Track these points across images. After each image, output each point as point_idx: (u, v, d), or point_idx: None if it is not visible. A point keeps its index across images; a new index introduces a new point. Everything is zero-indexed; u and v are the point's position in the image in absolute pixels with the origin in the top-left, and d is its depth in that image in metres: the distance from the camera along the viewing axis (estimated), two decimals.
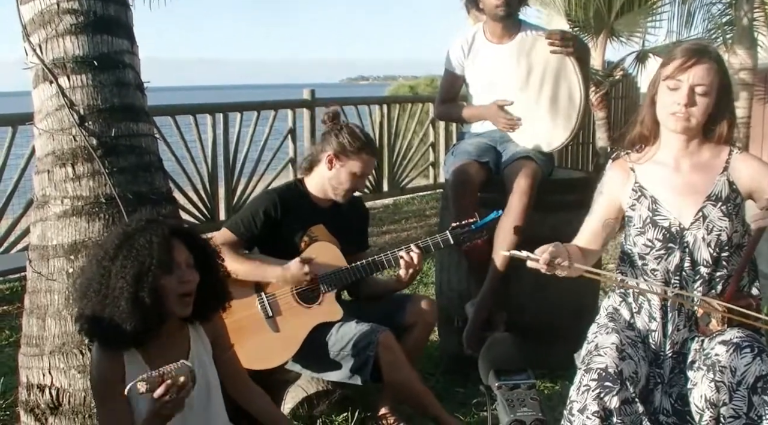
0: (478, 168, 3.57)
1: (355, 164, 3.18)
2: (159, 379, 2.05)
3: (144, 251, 2.23)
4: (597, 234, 2.56)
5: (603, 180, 2.58)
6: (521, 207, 3.40)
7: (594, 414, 2.21)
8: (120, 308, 2.20)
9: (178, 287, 2.28)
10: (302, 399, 3.23)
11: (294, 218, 3.19)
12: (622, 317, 2.51)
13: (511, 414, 2.27)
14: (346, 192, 3.21)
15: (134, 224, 2.32)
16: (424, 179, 9.49)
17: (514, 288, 3.57)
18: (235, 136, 7.14)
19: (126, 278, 2.20)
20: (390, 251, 3.15)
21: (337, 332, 3.08)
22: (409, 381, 3.04)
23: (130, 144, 3.01)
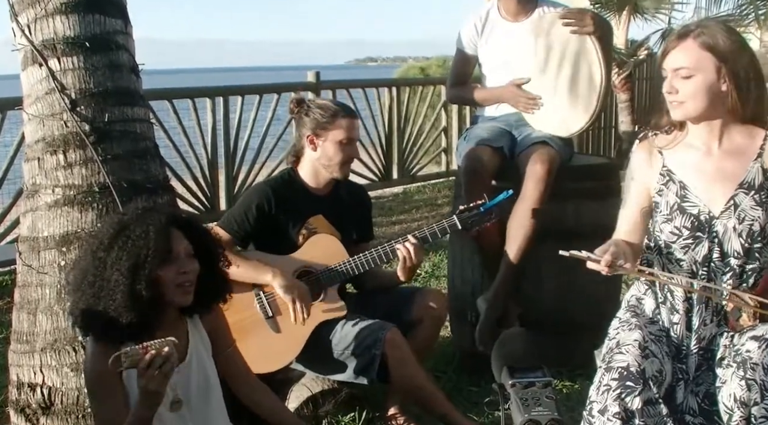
0: (491, 154, 3.56)
1: (335, 132, 3.16)
2: (142, 350, 2.10)
3: (140, 241, 2.24)
4: (637, 225, 2.50)
5: (631, 165, 2.55)
6: (537, 195, 3.38)
7: (615, 415, 2.20)
8: (116, 301, 2.21)
9: (177, 278, 2.30)
10: (307, 399, 3.23)
11: (290, 211, 3.18)
12: (645, 309, 2.49)
13: (525, 413, 2.27)
14: (342, 165, 3.19)
15: (130, 213, 2.34)
16: (436, 166, 9.47)
17: (531, 281, 3.57)
18: (236, 121, 7.14)
19: (122, 270, 2.22)
20: (387, 243, 3.13)
21: (341, 330, 3.08)
22: (417, 380, 3.04)
23: (124, 130, 3.02)
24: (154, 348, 2.10)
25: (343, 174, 3.21)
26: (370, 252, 3.13)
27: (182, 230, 2.35)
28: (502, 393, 2.45)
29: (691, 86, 2.33)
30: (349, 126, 3.17)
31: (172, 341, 2.14)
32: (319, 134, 3.16)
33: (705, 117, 2.38)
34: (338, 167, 3.18)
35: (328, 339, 3.08)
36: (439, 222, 3.17)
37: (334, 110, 3.20)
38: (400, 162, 8.71)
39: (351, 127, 3.18)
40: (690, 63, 2.33)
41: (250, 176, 7.29)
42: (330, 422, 3.22)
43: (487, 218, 3.15)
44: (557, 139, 3.61)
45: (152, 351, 2.10)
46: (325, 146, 3.16)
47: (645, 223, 2.51)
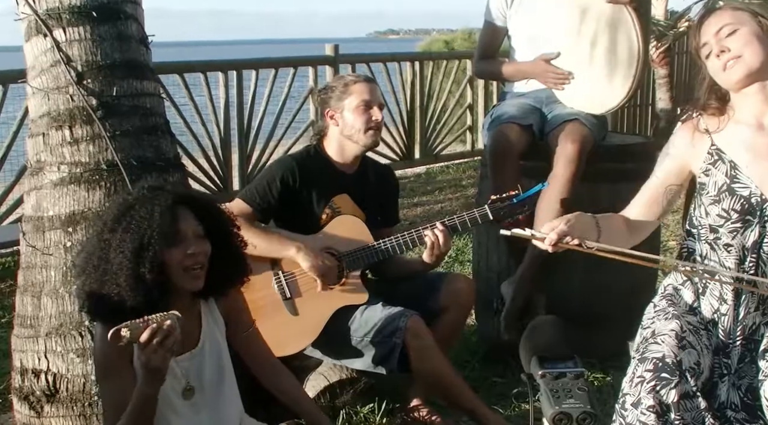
0: (520, 132, 3.54)
1: (350, 99, 3.17)
2: (143, 324, 2.10)
3: (145, 222, 2.25)
4: (655, 202, 2.49)
5: (670, 141, 2.52)
6: (567, 176, 3.37)
7: (649, 409, 2.19)
8: (120, 284, 2.23)
9: (184, 260, 2.30)
10: (324, 388, 3.25)
11: (314, 187, 3.18)
12: (683, 299, 2.47)
13: (555, 405, 2.25)
14: (365, 130, 3.17)
15: (136, 193, 2.35)
16: (461, 145, 9.45)
17: (559, 267, 3.55)
18: (250, 96, 7.14)
19: (125, 252, 2.24)
20: (415, 230, 3.13)
21: (361, 316, 3.08)
22: (440, 371, 3.04)
23: (133, 105, 3.03)
24: (155, 322, 2.11)
25: (370, 141, 3.20)
26: (396, 237, 3.13)
27: (192, 210, 2.35)
28: (531, 383, 2.44)
29: (740, 37, 2.33)
30: (363, 90, 3.18)
31: (174, 314, 2.15)
32: (336, 107, 3.18)
33: (763, 72, 2.34)
34: (362, 134, 3.17)
35: (347, 325, 3.08)
36: (469, 211, 3.16)
37: (346, 79, 3.23)
38: (422, 141, 8.70)
39: (365, 90, 3.18)
40: (729, 19, 2.34)
41: (265, 155, 7.31)
42: (348, 413, 3.23)
43: (519, 210, 3.14)
44: (590, 116, 3.58)
45: (153, 324, 2.11)
46: (345, 115, 3.17)
47: (664, 201, 2.49)
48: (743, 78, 2.35)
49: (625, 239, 2.41)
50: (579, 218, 2.32)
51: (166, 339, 2.12)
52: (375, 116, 3.18)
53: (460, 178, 8.47)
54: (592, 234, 2.32)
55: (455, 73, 9.10)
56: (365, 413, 3.25)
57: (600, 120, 3.66)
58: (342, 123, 3.18)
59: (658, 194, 2.49)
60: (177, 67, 6.72)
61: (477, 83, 9.11)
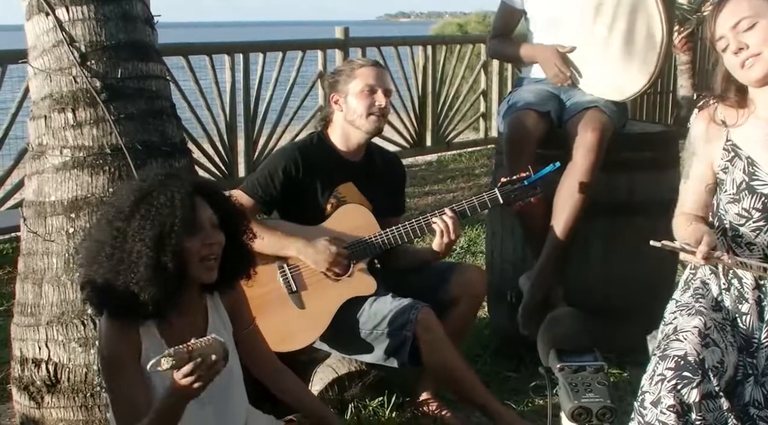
0: (537, 119, 3.52)
1: (354, 83, 3.16)
2: (186, 355, 2.02)
3: (165, 209, 2.23)
4: (703, 200, 2.48)
5: (690, 137, 2.50)
6: (587, 165, 3.35)
7: (669, 408, 2.19)
8: (138, 274, 2.20)
9: (202, 250, 2.29)
10: (332, 381, 3.25)
11: (318, 177, 3.18)
12: (710, 293, 2.46)
13: (574, 400, 2.24)
14: (368, 114, 3.16)
15: (150, 179, 2.33)
16: (474, 132, 9.44)
17: (578, 259, 3.55)
18: (256, 80, 7.14)
19: (145, 240, 2.21)
20: (423, 217, 3.13)
21: (370, 308, 3.08)
22: (451, 365, 3.04)
23: (138, 87, 3.02)
24: (200, 353, 2.03)
25: (372, 127, 3.18)
26: (403, 225, 3.13)
27: (206, 199, 2.34)
28: (549, 377, 2.44)
29: (760, 32, 2.29)
30: (369, 74, 3.18)
31: (218, 342, 2.08)
32: (340, 91, 3.18)
33: None
34: (364, 119, 3.16)
35: (356, 317, 3.09)
36: (478, 195, 3.16)
37: (352, 64, 3.23)
38: (434, 128, 8.68)
39: (371, 74, 3.18)
40: (747, 11, 2.29)
41: (272, 141, 7.31)
42: (357, 406, 3.23)
43: (531, 193, 3.13)
44: (610, 104, 3.56)
45: (197, 357, 2.03)
46: (348, 100, 3.17)
47: (710, 199, 2.48)
48: (763, 77, 2.33)
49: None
50: (711, 233, 2.31)
51: (209, 372, 2.07)
52: (378, 102, 3.17)
53: (473, 166, 8.46)
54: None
55: (469, 58, 9.08)
56: (374, 406, 3.26)
57: (620, 107, 3.64)
58: (345, 108, 3.18)
59: (702, 195, 2.48)
60: (181, 49, 6.72)
61: (491, 69, 9.09)
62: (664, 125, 8.35)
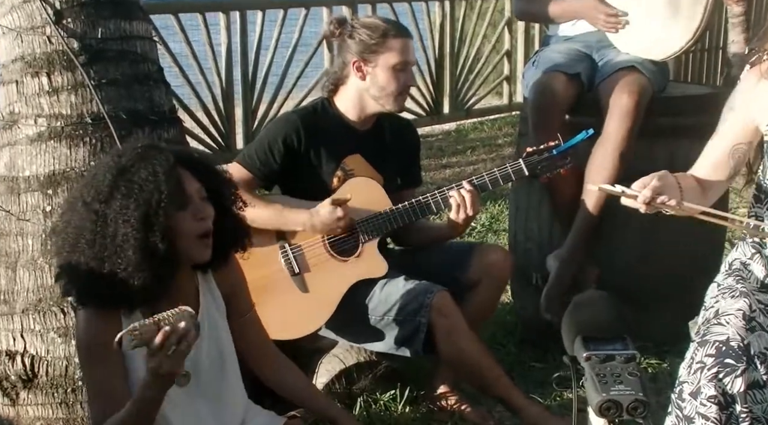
0: (566, 83, 3.52)
1: (387, 55, 3.13)
2: (154, 328, 2.06)
3: (149, 184, 2.22)
4: (722, 163, 2.48)
5: (736, 91, 2.49)
6: (622, 133, 3.35)
7: (710, 399, 2.18)
8: (125, 259, 2.20)
9: (195, 226, 2.30)
10: (339, 372, 3.27)
11: (323, 148, 3.18)
12: (752, 274, 2.45)
13: (603, 392, 2.23)
14: (397, 95, 3.17)
15: (127, 153, 2.31)
16: (497, 98, 9.39)
17: (612, 237, 3.55)
18: (255, 42, 7.11)
19: (131, 221, 2.20)
20: (438, 191, 3.13)
21: (381, 291, 3.09)
22: (470, 354, 3.04)
23: (121, 49, 3.02)
24: (168, 323, 2.06)
25: (397, 106, 3.21)
26: (417, 200, 3.13)
27: (191, 170, 2.34)
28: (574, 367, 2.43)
29: None
30: (404, 48, 3.16)
31: (189, 312, 2.11)
32: (367, 59, 3.15)
33: None
34: (393, 98, 3.17)
35: (365, 302, 3.10)
36: (501, 167, 3.14)
37: (384, 28, 3.17)
38: (452, 93, 8.64)
39: (405, 49, 3.17)
40: None
41: (273, 109, 7.29)
42: (366, 401, 3.25)
43: (560, 164, 3.12)
44: (648, 63, 3.55)
45: (166, 327, 2.06)
46: (376, 73, 3.14)
47: (732, 162, 2.47)
48: None
49: (700, 200, 2.40)
50: (665, 178, 2.31)
51: (180, 343, 2.09)
52: (411, 81, 3.20)
53: (496, 136, 8.42)
54: (675, 194, 2.30)
55: (491, 15, 9.02)
56: (386, 400, 3.27)
57: (660, 68, 3.63)
58: (372, 80, 3.15)
59: (724, 155, 2.47)
60: (171, 7, 6.69)
61: (516, 26, 9.03)
62: (711, 86, 8.26)
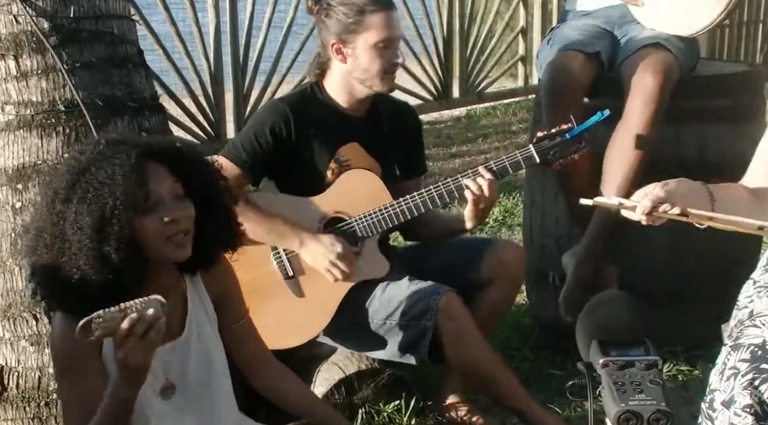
0: (584, 62, 3.52)
1: (366, 34, 3.11)
2: (120, 315, 2.06)
3: (104, 188, 2.20)
4: None
5: None
6: (646, 116, 3.33)
7: (745, 408, 2.17)
8: (80, 268, 2.20)
9: (164, 230, 2.27)
10: (339, 382, 3.25)
11: (315, 137, 3.18)
12: None
13: (621, 402, 2.24)
14: (383, 75, 3.15)
15: (89, 151, 2.29)
16: (511, 80, 9.40)
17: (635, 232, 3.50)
18: (246, 20, 7.12)
19: (84, 228, 2.19)
20: (452, 179, 3.10)
21: (382, 293, 3.08)
22: (480, 361, 3.05)
23: (96, 29, 3.01)
24: (135, 310, 2.07)
25: (386, 87, 3.19)
26: (420, 193, 3.11)
27: (165, 165, 2.31)
28: (590, 375, 2.44)
29: None
30: (384, 22, 3.13)
31: (157, 299, 2.12)
32: (345, 39, 3.14)
33: None
34: (378, 79, 3.15)
35: (365, 306, 3.09)
36: (510, 154, 3.13)
37: (360, 4, 3.13)
38: (462, 76, 8.65)
39: (386, 23, 3.14)
40: None
41: (266, 94, 7.29)
42: (368, 412, 3.25)
43: (574, 148, 3.10)
44: (676, 39, 3.53)
45: (132, 314, 2.06)
46: (357, 54, 3.13)
47: None
48: None
49: (751, 209, 2.36)
50: (682, 185, 2.30)
51: (148, 332, 2.08)
52: (396, 58, 3.17)
53: (510, 122, 8.44)
54: (702, 203, 2.28)
55: None
56: (390, 412, 3.27)
57: (689, 44, 3.61)
58: (353, 63, 3.15)
59: None
60: None
61: (532, 1, 9.05)
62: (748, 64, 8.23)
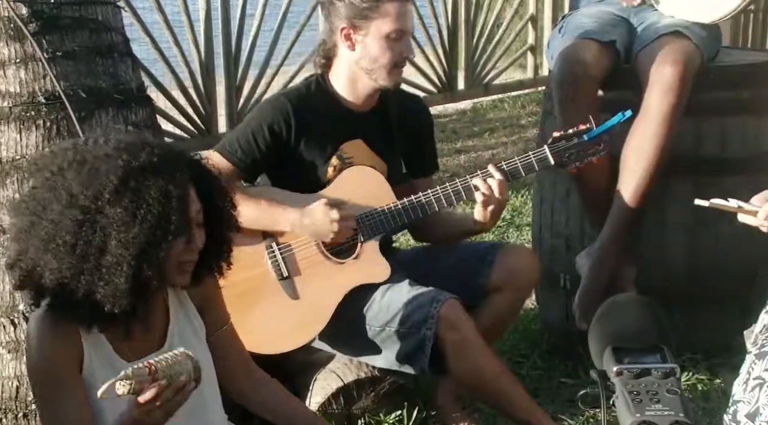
0: (598, 52, 3.51)
1: (380, 22, 3.12)
2: (149, 377, 1.99)
3: (157, 206, 2.14)
4: None
5: None
6: (665, 110, 3.32)
7: None
8: (111, 284, 2.14)
9: (185, 255, 2.26)
10: (336, 390, 3.25)
11: (317, 133, 3.18)
12: None
13: (636, 413, 2.24)
14: (391, 68, 3.16)
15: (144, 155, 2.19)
16: (520, 71, 9.42)
17: (653, 232, 3.54)
18: (238, 7, 7.12)
19: (129, 246, 2.12)
20: (461, 180, 3.10)
21: (382, 298, 3.08)
22: (485, 372, 3.04)
23: (79, 16, 3.01)
24: (165, 375, 2.01)
25: (392, 81, 3.20)
26: (426, 194, 3.11)
27: (194, 185, 2.27)
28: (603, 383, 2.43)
29: None
30: (400, 13, 3.14)
31: (188, 358, 2.07)
32: (357, 25, 3.14)
33: None
34: (385, 72, 3.16)
35: (363, 311, 3.09)
36: (523, 156, 3.13)
37: None
38: (468, 67, 8.65)
39: (402, 14, 3.15)
40: None
41: (260, 86, 7.30)
42: (368, 423, 3.25)
43: (592, 151, 3.10)
44: (697, 27, 3.53)
45: (162, 380, 2.00)
46: (366, 42, 3.14)
47: None
48: None
49: None
50: None
51: (176, 397, 2.05)
52: (407, 52, 3.19)
53: (518, 115, 8.46)
54: None
55: None
56: (390, 422, 3.27)
57: (710, 32, 3.61)
58: (362, 51, 3.15)
59: None
60: None
61: None
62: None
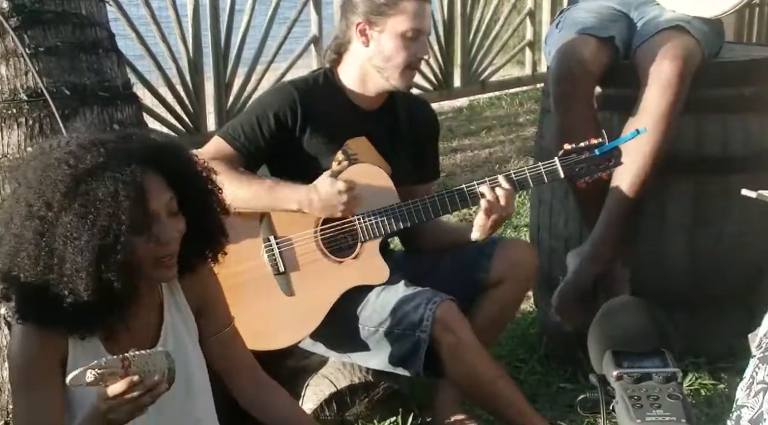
0: (597, 48, 3.51)
1: (397, 19, 3.11)
2: (121, 370, 2.00)
3: (107, 208, 2.14)
4: None
5: None
6: (663, 106, 3.32)
7: None
8: (74, 290, 2.15)
9: (157, 251, 2.24)
10: (329, 396, 3.25)
11: (322, 127, 3.18)
12: None
13: (637, 418, 2.26)
14: (404, 69, 3.16)
15: (88, 158, 2.19)
16: (517, 67, 9.43)
17: (652, 232, 3.54)
18: (228, 2, 7.11)
19: (84, 253, 2.13)
20: (466, 185, 3.10)
21: (376, 298, 3.08)
22: (481, 376, 3.04)
23: (62, 10, 3.02)
24: (139, 370, 2.02)
25: (404, 83, 3.21)
26: (431, 197, 3.12)
27: (163, 175, 2.26)
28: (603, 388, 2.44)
29: None
30: (417, 12, 3.14)
31: (165, 359, 2.08)
32: (373, 21, 3.14)
33: None
34: (398, 72, 3.16)
35: (356, 312, 3.09)
36: (533, 166, 3.13)
37: None
38: (465, 63, 8.68)
39: (421, 14, 3.15)
40: None
41: (250, 83, 7.30)
42: None
43: (603, 166, 3.08)
44: (699, 22, 3.54)
45: (134, 375, 2.01)
46: (381, 39, 3.14)
47: None
48: None
49: None
50: None
51: (144, 396, 2.05)
52: (423, 53, 3.19)
53: (516, 113, 8.47)
54: None
55: None
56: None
57: (713, 27, 3.62)
58: (376, 47, 3.15)
59: None
60: None
61: None
62: None
